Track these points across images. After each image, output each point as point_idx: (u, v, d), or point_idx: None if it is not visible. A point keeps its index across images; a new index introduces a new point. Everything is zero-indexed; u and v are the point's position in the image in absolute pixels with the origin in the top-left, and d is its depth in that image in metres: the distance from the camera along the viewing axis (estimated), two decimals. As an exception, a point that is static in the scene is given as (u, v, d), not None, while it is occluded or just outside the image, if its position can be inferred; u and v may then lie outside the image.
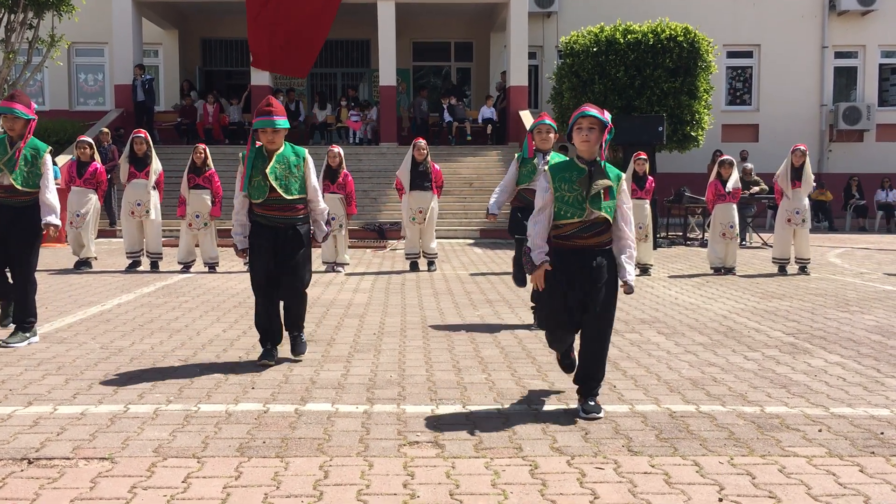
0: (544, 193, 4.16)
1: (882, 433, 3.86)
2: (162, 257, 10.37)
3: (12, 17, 14.80)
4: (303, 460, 3.44)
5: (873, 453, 3.58)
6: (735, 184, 10.60)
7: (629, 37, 16.18)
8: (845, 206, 20.76)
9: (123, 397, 4.39)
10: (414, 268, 10.72)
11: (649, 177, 10.33)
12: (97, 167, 10.49)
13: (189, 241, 10.14)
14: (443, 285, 9.25)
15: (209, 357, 5.42)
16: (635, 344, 5.94)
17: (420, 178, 10.54)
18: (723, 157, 10.84)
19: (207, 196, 9.99)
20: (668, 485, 3.20)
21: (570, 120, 4.16)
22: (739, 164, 14.49)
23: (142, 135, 10.22)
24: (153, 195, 10.18)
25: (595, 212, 4.03)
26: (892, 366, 5.29)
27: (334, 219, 10.15)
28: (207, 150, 10.23)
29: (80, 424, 3.89)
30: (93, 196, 10.44)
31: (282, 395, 4.46)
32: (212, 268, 10.11)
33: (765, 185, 15.22)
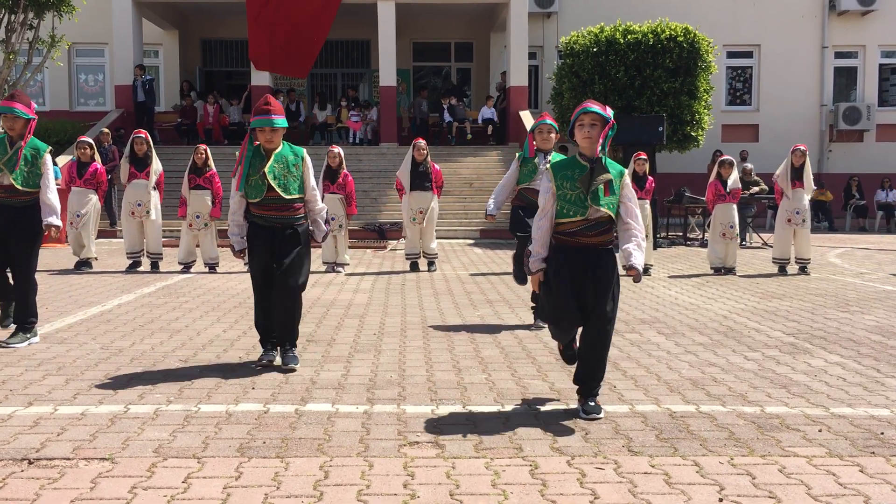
0: (546, 194, 4.15)
1: (882, 433, 3.86)
2: (162, 258, 10.37)
3: (12, 17, 14.80)
4: (303, 460, 3.45)
5: (873, 453, 3.58)
6: (734, 184, 10.61)
7: (629, 37, 16.18)
8: (845, 206, 20.77)
9: (124, 398, 4.39)
10: (414, 268, 10.73)
11: (649, 177, 10.33)
12: (97, 167, 10.49)
13: (189, 242, 10.15)
14: (443, 285, 9.25)
15: (209, 357, 5.42)
16: (635, 344, 5.95)
17: (420, 179, 10.54)
18: (723, 158, 10.84)
19: (208, 196, 9.99)
20: (668, 485, 3.21)
21: (573, 116, 4.14)
22: (739, 164, 14.49)
23: (142, 135, 10.23)
24: (153, 195, 10.19)
25: (598, 209, 4.01)
26: (893, 366, 5.29)
27: (334, 219, 10.17)
28: (208, 150, 10.24)
29: (80, 425, 3.90)
30: (93, 196, 10.45)
31: (282, 396, 4.46)
32: (212, 268, 10.11)
33: (765, 186, 15.22)
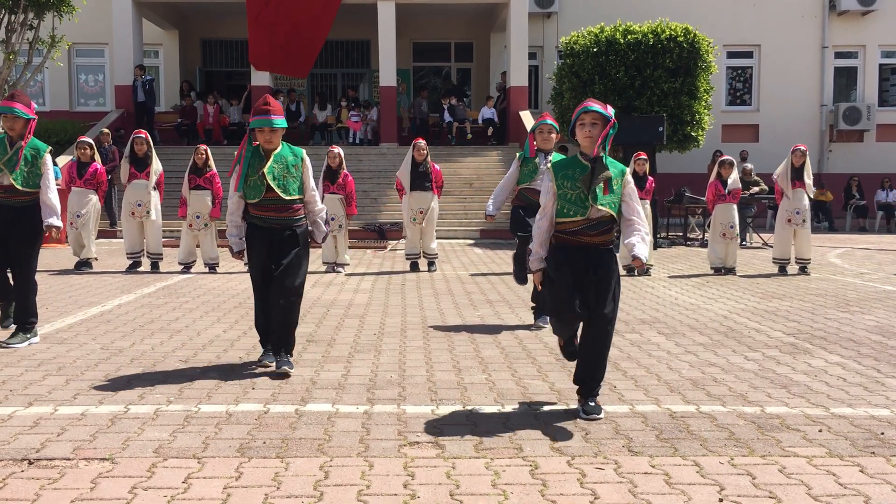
0: (547, 194, 4.15)
1: (882, 433, 3.86)
2: (162, 258, 10.37)
3: (13, 17, 14.80)
4: (303, 461, 3.45)
5: (874, 453, 3.58)
6: (734, 184, 10.60)
7: (629, 37, 16.18)
8: (845, 206, 20.77)
9: (124, 398, 4.39)
10: (414, 268, 10.73)
11: (649, 177, 10.34)
12: (97, 168, 10.50)
13: (190, 242, 10.15)
14: (443, 286, 9.25)
15: (209, 358, 5.42)
16: (636, 344, 5.94)
17: (420, 179, 10.54)
18: (723, 158, 10.84)
19: (208, 197, 9.99)
20: (668, 485, 3.20)
21: (573, 115, 4.13)
22: (739, 164, 14.49)
23: (142, 135, 10.23)
24: (154, 196, 10.19)
25: (598, 208, 4.00)
26: (893, 366, 5.29)
27: (333, 219, 10.17)
28: (209, 150, 10.24)
29: (80, 425, 3.89)
30: (93, 196, 10.46)
31: (282, 396, 4.46)
32: (212, 268, 10.11)
33: (765, 186, 15.22)
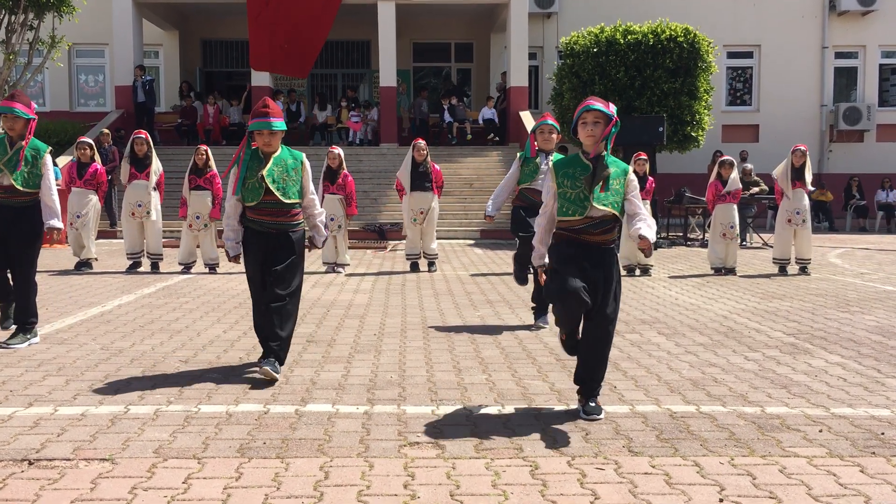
0: (548, 193, 4.16)
1: (883, 433, 3.86)
2: (162, 258, 10.37)
3: (13, 18, 14.80)
4: (303, 461, 3.44)
5: (874, 454, 3.58)
6: (733, 184, 10.59)
7: (629, 37, 16.19)
8: (846, 206, 20.77)
9: (124, 398, 4.39)
10: (414, 268, 10.73)
11: (649, 177, 10.33)
12: (97, 168, 10.50)
13: (190, 242, 10.15)
14: (443, 286, 9.25)
15: (210, 358, 5.42)
16: (636, 344, 5.94)
17: (420, 179, 10.54)
18: (723, 158, 10.84)
19: (208, 197, 9.99)
20: (668, 485, 3.20)
21: (575, 114, 4.12)
22: (739, 164, 14.49)
23: (142, 136, 10.22)
24: (154, 196, 10.19)
25: (597, 208, 3.98)
26: (893, 366, 5.28)
27: (332, 219, 10.18)
28: (209, 151, 10.24)
29: (80, 425, 3.89)
30: (93, 197, 10.46)
31: (282, 396, 4.46)
32: (212, 269, 10.11)
33: (765, 186, 15.22)
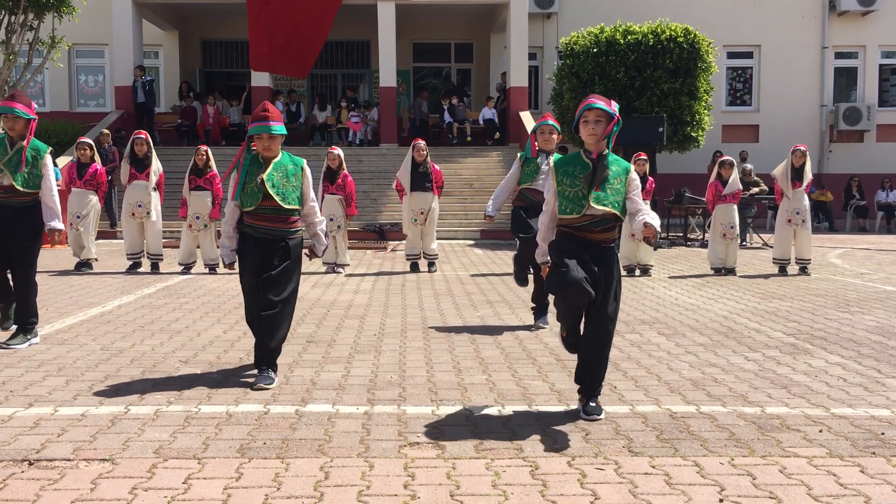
0: (549, 191, 4.17)
1: (883, 434, 3.86)
2: (162, 258, 10.37)
3: (13, 18, 14.80)
4: (303, 461, 3.45)
5: (874, 454, 3.58)
6: (733, 184, 10.58)
7: (629, 37, 16.19)
8: (846, 206, 20.77)
9: (124, 399, 4.39)
10: (414, 269, 10.73)
11: (649, 177, 10.33)
12: (97, 168, 10.50)
13: (190, 243, 10.15)
14: (443, 286, 9.25)
15: (210, 358, 5.42)
16: (636, 345, 5.94)
17: (420, 179, 10.54)
18: (723, 158, 10.84)
19: (208, 198, 9.98)
20: (668, 485, 3.20)
21: (577, 112, 4.11)
22: (739, 164, 14.49)
23: (142, 136, 10.22)
24: (154, 196, 10.19)
25: (595, 206, 3.98)
26: (893, 366, 5.28)
27: (332, 219, 10.18)
28: (209, 151, 10.24)
29: (80, 426, 3.89)
30: (93, 197, 10.46)
31: (282, 396, 4.46)
32: (212, 269, 10.11)
33: (765, 186, 15.21)
